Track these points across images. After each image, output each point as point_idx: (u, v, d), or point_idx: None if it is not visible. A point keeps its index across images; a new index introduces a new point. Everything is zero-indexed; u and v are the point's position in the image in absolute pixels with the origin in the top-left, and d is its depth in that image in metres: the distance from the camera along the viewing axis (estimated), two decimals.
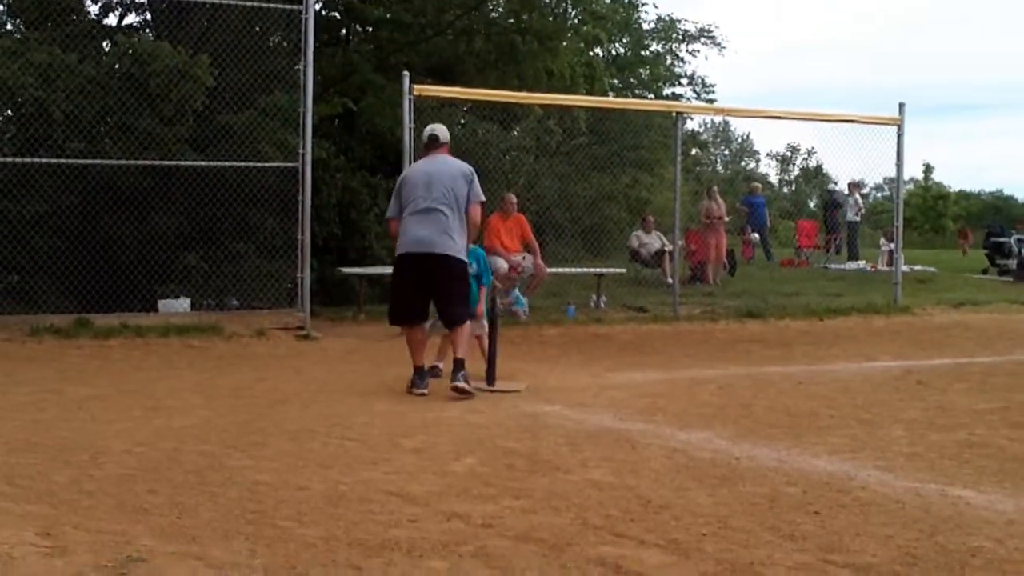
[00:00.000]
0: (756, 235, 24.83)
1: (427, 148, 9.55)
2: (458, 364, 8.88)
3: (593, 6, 29.40)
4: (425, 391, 8.88)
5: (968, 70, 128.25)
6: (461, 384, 8.74)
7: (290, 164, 13.39)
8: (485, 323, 9.80)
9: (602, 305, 16.38)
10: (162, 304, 13.80)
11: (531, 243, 15.46)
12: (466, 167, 9.28)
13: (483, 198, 9.33)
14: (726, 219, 21.22)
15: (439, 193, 9.04)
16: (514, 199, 15.56)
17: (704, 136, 59.18)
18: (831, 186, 30.03)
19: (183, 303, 13.96)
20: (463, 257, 9.08)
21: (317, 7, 16.15)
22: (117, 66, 14.52)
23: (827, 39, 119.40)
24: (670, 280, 17.20)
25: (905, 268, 19.26)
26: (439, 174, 9.22)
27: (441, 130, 9.60)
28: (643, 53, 37.49)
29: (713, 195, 21.55)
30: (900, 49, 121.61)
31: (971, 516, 4.97)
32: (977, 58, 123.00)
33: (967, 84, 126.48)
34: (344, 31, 20.64)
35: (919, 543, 4.54)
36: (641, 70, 37.41)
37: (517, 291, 14.69)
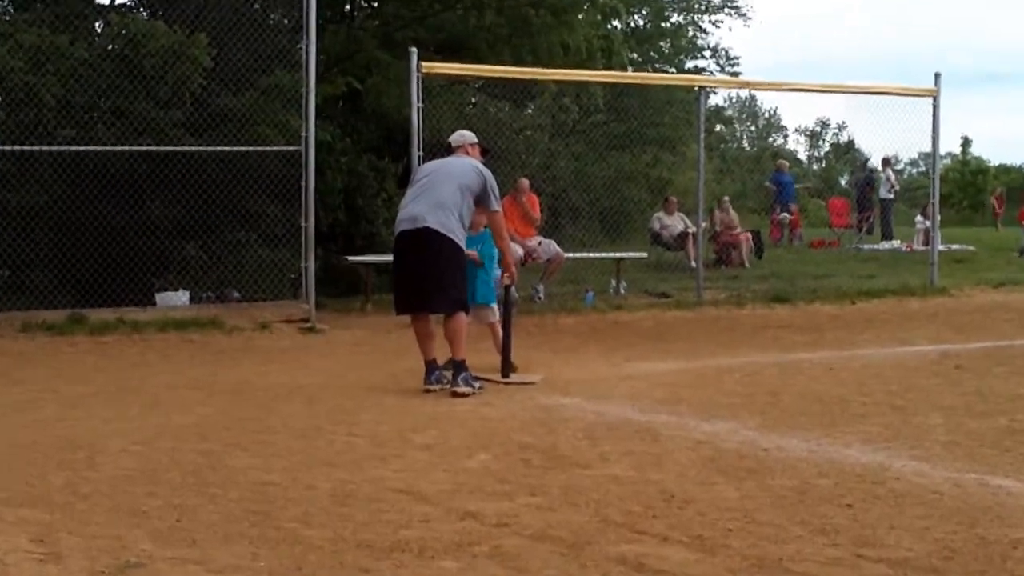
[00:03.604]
0: (785, 214, 24.77)
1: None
2: (457, 367, 8.75)
3: None
4: (437, 387, 8.76)
5: (1008, 36, 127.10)
6: (462, 389, 8.57)
7: (292, 148, 13.39)
8: (498, 310, 9.75)
9: (622, 291, 16.36)
10: (160, 297, 13.84)
11: (534, 217, 15.43)
12: (481, 166, 9.20)
13: (498, 208, 9.26)
14: (738, 229, 21.04)
15: (444, 175, 9.04)
16: (527, 184, 15.54)
17: (729, 112, 58.98)
18: (868, 163, 29.90)
19: (182, 296, 13.99)
20: (458, 240, 8.82)
21: None
22: (110, 47, 14.54)
23: (858, 5, 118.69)
24: (693, 264, 17.16)
25: (942, 247, 19.18)
26: (451, 163, 9.29)
27: (457, 136, 9.63)
28: (663, 25, 37.34)
29: (724, 206, 21.44)
30: (935, 15, 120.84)
31: (1012, 507, 4.96)
32: (1018, 23, 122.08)
33: (1007, 51, 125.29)
34: (348, 7, 20.64)
35: (957, 536, 4.53)
36: (661, 43, 37.28)
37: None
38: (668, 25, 37.78)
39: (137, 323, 12.46)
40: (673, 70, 35.71)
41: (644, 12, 36.22)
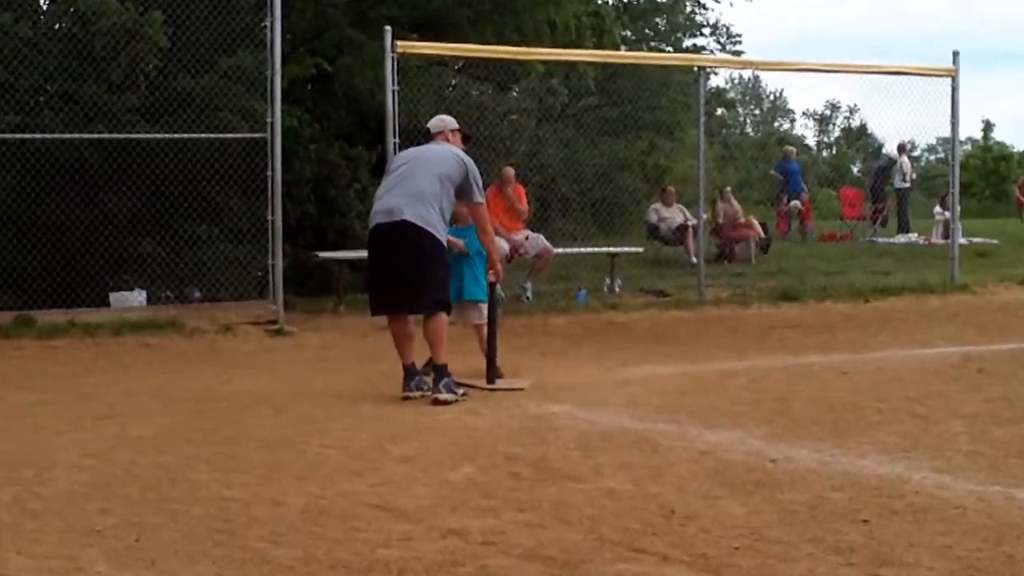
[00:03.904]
0: (796, 202, 24.80)
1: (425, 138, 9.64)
2: (438, 372, 8.74)
3: None
4: (416, 394, 8.74)
5: None
6: (444, 396, 8.56)
7: (257, 135, 13.39)
8: (485, 310, 9.74)
9: (617, 289, 16.38)
10: (114, 298, 13.80)
11: (522, 208, 15.45)
12: (462, 154, 9.19)
13: (482, 200, 9.27)
14: (742, 220, 21.03)
15: (422, 163, 9.04)
16: (512, 173, 15.55)
17: (731, 94, 59.06)
18: (883, 149, 29.94)
19: (138, 296, 13.96)
20: (438, 234, 8.80)
21: None
22: (58, 26, 14.53)
23: None
24: (694, 259, 17.18)
25: (963, 240, 19.26)
26: (430, 150, 9.30)
27: (436, 121, 9.64)
28: (659, 0, 37.41)
29: (727, 197, 21.45)
30: None
31: None
32: None
33: None
34: None
35: (982, 553, 4.54)
36: (657, 19, 37.31)
37: None
38: (664, 0, 37.81)
39: (90, 325, 12.43)
40: (670, 49, 35.73)
41: None
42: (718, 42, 39.89)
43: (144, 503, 5.51)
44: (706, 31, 39.65)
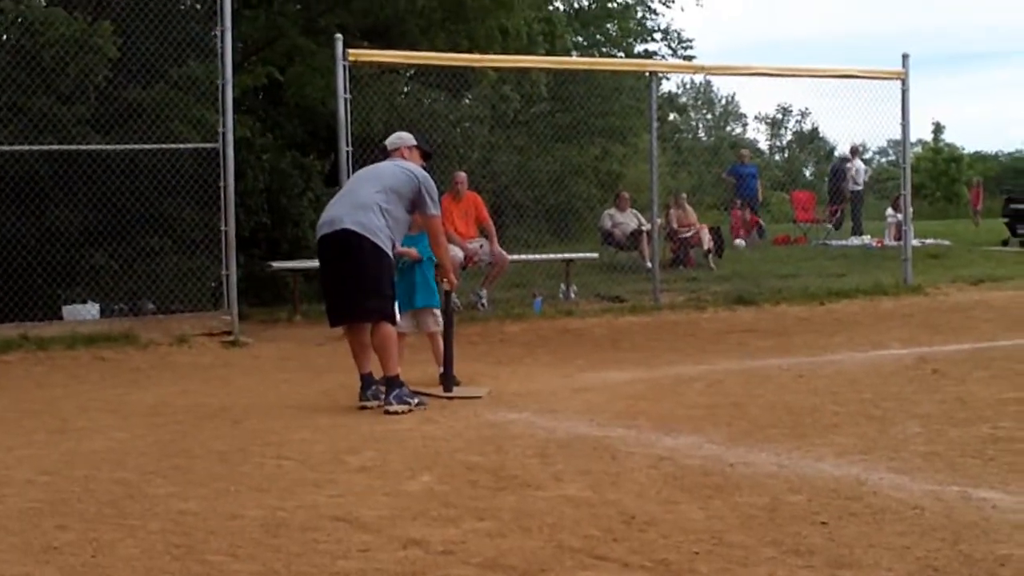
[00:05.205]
0: (747, 211, 24.82)
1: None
2: (389, 383, 8.72)
3: None
4: (374, 403, 8.76)
5: (980, 12, 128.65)
6: (395, 407, 8.55)
7: (209, 145, 13.34)
8: (440, 317, 9.73)
9: (572, 296, 16.40)
10: (67, 311, 13.72)
11: (488, 227, 15.41)
12: (417, 168, 9.18)
13: (436, 213, 9.22)
14: (696, 226, 20.99)
15: (370, 177, 9.08)
16: (464, 177, 15.54)
17: (683, 99, 59.25)
18: (836, 152, 30.09)
19: (91, 309, 13.88)
20: (381, 242, 8.74)
21: None
22: (4, 37, 14.43)
23: None
24: (649, 264, 17.21)
25: (915, 242, 19.38)
26: (380, 166, 9.33)
27: (393, 139, 9.61)
28: (610, 5, 37.43)
29: (680, 203, 21.39)
30: None
31: (998, 521, 5.01)
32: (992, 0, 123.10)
33: (980, 29, 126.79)
34: None
35: (941, 553, 4.57)
36: (608, 25, 37.37)
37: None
38: (615, 5, 37.85)
39: (42, 340, 12.35)
40: (622, 54, 35.79)
41: None
42: (670, 47, 39.95)
43: (101, 519, 5.47)
44: (657, 36, 39.73)
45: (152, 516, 5.49)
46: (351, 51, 13.90)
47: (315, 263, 9.89)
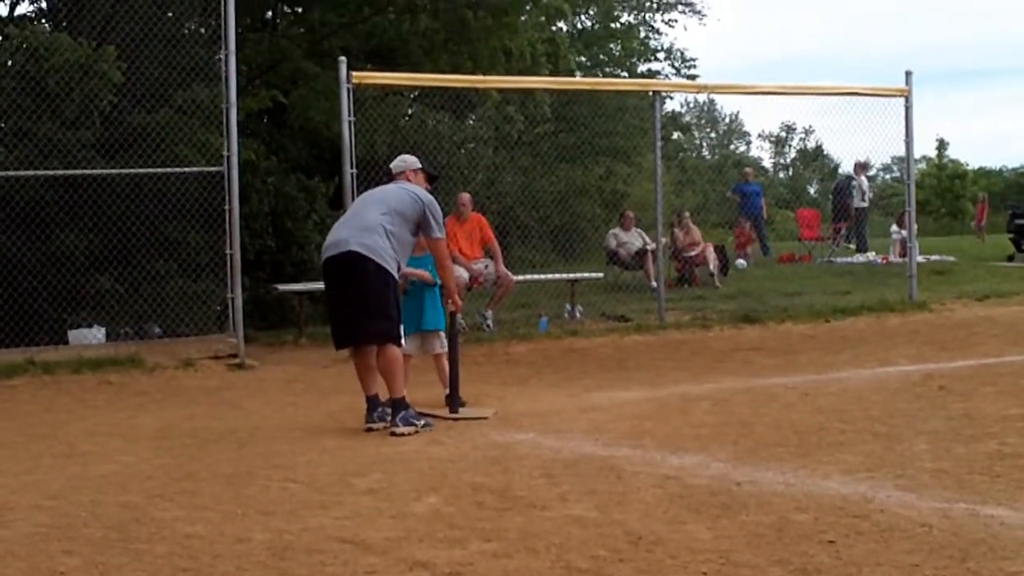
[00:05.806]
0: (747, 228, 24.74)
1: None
2: (395, 405, 8.72)
3: None
4: (380, 425, 8.75)
5: (984, 29, 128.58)
6: (401, 429, 8.56)
7: (214, 168, 13.34)
8: (445, 340, 9.74)
9: (578, 315, 16.38)
10: (73, 335, 13.73)
11: (493, 247, 15.39)
12: (422, 191, 9.21)
13: (441, 235, 9.22)
14: (700, 244, 20.92)
15: (375, 200, 9.09)
16: (468, 198, 15.54)
17: (687, 118, 59.42)
18: (841, 169, 30.06)
19: (97, 333, 13.89)
20: (387, 264, 8.74)
21: None
22: (9, 63, 14.45)
23: (822, 2, 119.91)
24: (654, 284, 17.18)
25: (920, 259, 19.36)
26: (385, 189, 9.36)
27: (397, 162, 9.64)
28: (613, 25, 37.54)
29: (684, 222, 21.34)
30: (906, 9, 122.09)
31: (1007, 538, 5.00)
32: (994, 16, 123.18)
33: (983, 45, 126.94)
34: (270, 13, 20.66)
35: (949, 571, 4.56)
36: (612, 45, 37.50)
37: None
38: (618, 25, 37.96)
39: (48, 364, 12.35)
40: (625, 74, 35.92)
41: (591, 12, 36.39)
42: (673, 67, 40.14)
43: (108, 543, 5.46)
44: (661, 56, 39.90)
45: (159, 540, 5.48)
46: (355, 73, 13.91)
47: (320, 285, 9.90)
